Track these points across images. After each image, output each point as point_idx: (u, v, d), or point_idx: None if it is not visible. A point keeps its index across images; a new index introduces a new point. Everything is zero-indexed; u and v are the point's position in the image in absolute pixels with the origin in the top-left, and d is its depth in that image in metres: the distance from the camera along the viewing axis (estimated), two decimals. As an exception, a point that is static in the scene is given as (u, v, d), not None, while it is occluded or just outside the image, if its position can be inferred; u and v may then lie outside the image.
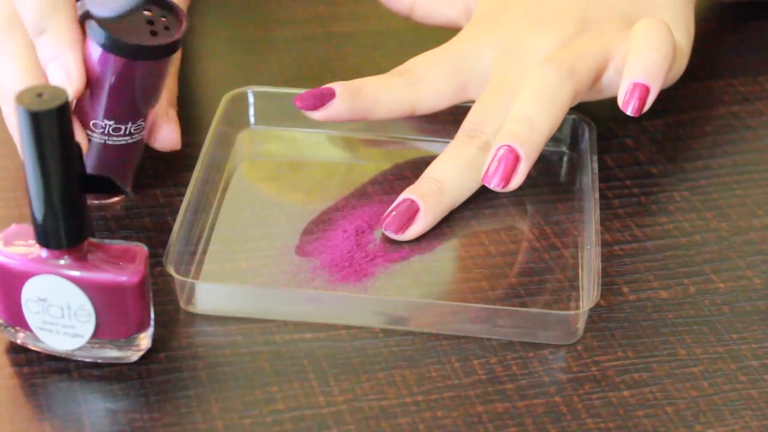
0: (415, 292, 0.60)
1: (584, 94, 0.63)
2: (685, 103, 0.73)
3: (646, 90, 0.62)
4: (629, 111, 0.62)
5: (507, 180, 0.60)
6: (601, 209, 0.64)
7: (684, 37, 0.66)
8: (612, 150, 0.69)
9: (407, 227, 0.61)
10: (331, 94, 0.64)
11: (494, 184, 0.60)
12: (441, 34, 0.69)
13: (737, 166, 0.68)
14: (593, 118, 0.67)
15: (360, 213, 0.63)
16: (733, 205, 0.65)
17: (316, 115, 0.64)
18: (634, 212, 0.65)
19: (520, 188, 0.61)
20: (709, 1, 0.79)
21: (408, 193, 0.62)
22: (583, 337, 0.57)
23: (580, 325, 0.57)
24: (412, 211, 0.61)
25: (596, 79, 0.63)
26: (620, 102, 0.62)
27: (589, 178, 0.63)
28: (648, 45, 0.62)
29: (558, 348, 0.57)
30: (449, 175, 0.62)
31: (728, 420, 0.54)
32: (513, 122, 0.61)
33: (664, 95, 0.68)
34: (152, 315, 0.55)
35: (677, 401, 0.55)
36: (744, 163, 0.68)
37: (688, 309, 0.59)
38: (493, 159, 0.60)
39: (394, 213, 0.61)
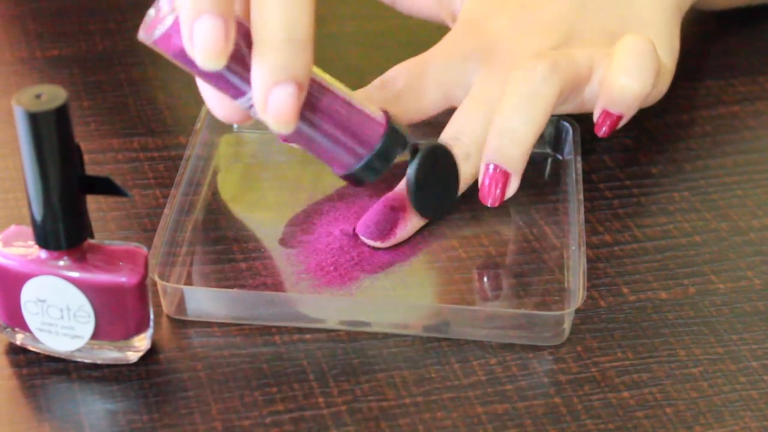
0: (400, 295, 0.59)
1: (567, 95, 0.63)
2: (685, 103, 0.73)
3: (618, 118, 0.64)
4: (599, 134, 0.64)
5: (501, 198, 0.62)
6: (601, 210, 0.64)
7: (668, 55, 0.67)
8: (612, 150, 0.69)
9: (387, 236, 0.61)
10: None
11: (490, 204, 0.62)
12: (440, 33, 0.69)
13: (737, 167, 0.68)
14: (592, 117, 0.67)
15: (344, 216, 0.62)
16: (733, 206, 0.65)
17: None
18: (634, 213, 0.65)
19: None
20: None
21: (387, 200, 0.61)
22: (583, 338, 0.57)
23: (566, 326, 0.57)
24: (391, 219, 0.61)
25: (579, 84, 0.63)
26: (594, 121, 0.64)
27: (573, 179, 0.63)
28: (626, 70, 0.63)
29: (558, 349, 0.57)
30: None
31: (728, 421, 0.54)
32: (497, 136, 0.61)
33: (665, 95, 0.68)
34: (151, 316, 0.55)
35: (677, 402, 0.55)
36: (744, 163, 0.68)
37: (687, 310, 0.59)
38: (483, 180, 0.61)
39: (372, 220, 0.61)
